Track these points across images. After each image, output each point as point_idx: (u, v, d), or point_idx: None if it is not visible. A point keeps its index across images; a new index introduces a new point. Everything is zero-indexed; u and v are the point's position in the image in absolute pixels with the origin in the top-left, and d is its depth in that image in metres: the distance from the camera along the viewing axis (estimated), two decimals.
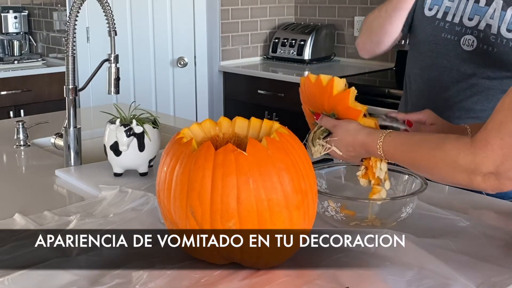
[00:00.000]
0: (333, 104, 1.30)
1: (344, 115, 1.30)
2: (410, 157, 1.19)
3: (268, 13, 4.38)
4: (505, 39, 1.57)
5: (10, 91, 3.78)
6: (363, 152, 1.27)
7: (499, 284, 1.06)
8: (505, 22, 1.57)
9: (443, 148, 1.11)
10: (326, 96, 1.30)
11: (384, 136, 1.22)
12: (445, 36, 1.67)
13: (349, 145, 1.27)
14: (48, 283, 1.06)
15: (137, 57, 4.07)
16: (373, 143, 1.23)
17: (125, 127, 1.58)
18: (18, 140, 1.99)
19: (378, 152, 1.22)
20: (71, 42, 1.71)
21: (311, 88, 1.34)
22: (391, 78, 3.68)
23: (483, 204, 1.44)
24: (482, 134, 1.07)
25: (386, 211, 1.31)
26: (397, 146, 1.21)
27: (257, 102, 3.90)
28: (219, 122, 1.20)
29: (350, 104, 1.29)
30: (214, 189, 1.02)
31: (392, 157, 1.23)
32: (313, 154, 1.33)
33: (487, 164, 1.05)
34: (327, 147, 1.30)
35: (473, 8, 1.62)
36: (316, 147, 1.32)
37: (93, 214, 1.37)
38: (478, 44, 1.61)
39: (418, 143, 1.18)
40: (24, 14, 4.30)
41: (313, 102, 1.36)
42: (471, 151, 1.06)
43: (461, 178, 1.09)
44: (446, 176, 1.13)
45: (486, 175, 1.05)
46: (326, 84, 1.29)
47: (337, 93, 1.29)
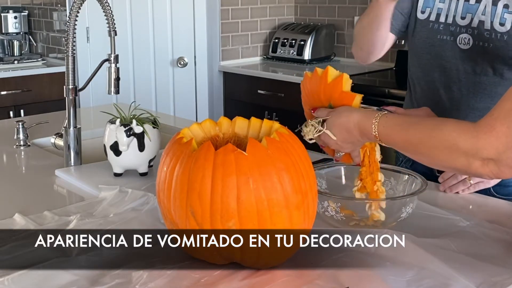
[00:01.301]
0: (329, 92, 1.30)
1: (340, 100, 1.29)
2: (406, 138, 1.15)
3: (268, 13, 4.38)
4: (499, 33, 1.58)
5: (10, 91, 3.78)
6: (357, 133, 1.23)
7: (499, 284, 1.06)
8: (497, 17, 1.58)
9: (443, 129, 1.08)
10: (322, 86, 1.30)
11: (381, 116, 1.18)
12: (441, 37, 1.68)
13: (342, 126, 1.23)
14: (48, 283, 1.06)
15: (137, 57, 4.07)
16: (368, 122, 1.19)
17: (125, 127, 1.58)
18: (18, 140, 1.99)
19: (372, 132, 1.18)
20: (71, 42, 1.71)
21: (309, 83, 1.35)
22: (391, 78, 3.68)
23: (483, 204, 1.44)
24: (487, 119, 1.04)
25: (386, 211, 1.30)
26: (393, 126, 1.16)
27: (257, 102, 3.91)
28: (219, 122, 1.20)
29: (344, 89, 1.28)
30: (214, 189, 1.02)
31: (387, 139, 1.18)
32: (305, 134, 1.30)
33: (489, 149, 1.02)
34: (319, 129, 1.28)
35: (464, 7, 1.63)
36: (308, 128, 1.30)
37: (93, 214, 1.37)
38: (474, 42, 1.62)
39: (416, 124, 1.14)
40: (24, 14, 4.30)
41: (311, 97, 1.35)
42: (474, 134, 1.04)
43: (460, 162, 1.06)
44: (443, 159, 1.09)
45: (485, 160, 1.03)
46: (321, 74, 1.30)
47: (331, 80, 1.29)
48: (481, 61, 1.62)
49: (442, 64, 1.69)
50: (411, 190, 1.35)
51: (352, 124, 1.22)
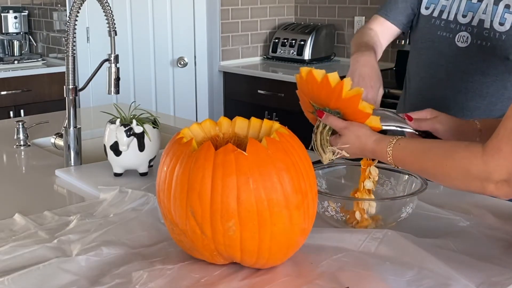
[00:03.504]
0: (341, 106, 1.27)
1: (352, 116, 1.27)
2: (421, 166, 1.18)
3: (268, 13, 4.38)
4: (497, 32, 1.60)
5: (10, 91, 3.78)
6: (371, 156, 1.28)
7: (499, 284, 1.06)
8: (498, 16, 1.59)
9: (454, 157, 1.10)
10: (334, 97, 1.26)
11: (394, 144, 1.21)
12: (440, 34, 1.69)
13: (357, 150, 1.27)
14: (48, 283, 1.06)
15: (137, 57, 4.07)
16: (383, 152, 1.22)
17: (125, 127, 1.58)
18: (18, 140, 1.99)
19: (388, 159, 1.22)
20: (71, 42, 1.71)
21: (315, 86, 1.28)
22: (391, 78, 3.68)
23: (483, 204, 1.44)
24: (493, 141, 1.06)
25: (386, 211, 1.31)
26: (406, 156, 1.20)
27: (257, 102, 3.91)
28: (219, 122, 1.20)
29: (360, 108, 1.26)
30: (214, 189, 1.02)
31: (402, 165, 1.22)
32: (324, 160, 1.30)
33: (500, 172, 1.04)
34: (337, 153, 1.28)
35: (466, 5, 1.65)
36: (327, 154, 1.29)
37: (93, 214, 1.37)
38: (472, 40, 1.64)
39: (428, 152, 1.17)
40: (24, 14, 4.30)
41: (316, 98, 1.31)
42: (483, 159, 1.05)
43: (474, 186, 1.09)
44: (459, 184, 1.12)
45: (499, 183, 1.05)
46: (334, 86, 1.24)
47: (346, 95, 1.25)
48: (477, 60, 1.63)
49: (439, 61, 1.71)
50: (411, 190, 1.35)
51: (367, 151, 1.25)
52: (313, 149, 1.32)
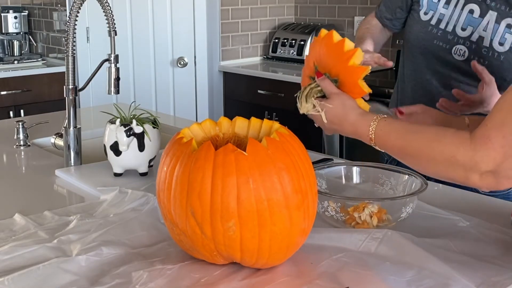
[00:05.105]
0: (343, 73, 1.25)
1: (348, 88, 1.25)
2: (404, 146, 1.12)
3: (268, 13, 4.38)
4: (496, 52, 1.57)
5: (10, 91, 3.78)
6: (349, 131, 1.21)
7: (499, 284, 1.06)
8: (498, 35, 1.56)
9: (442, 141, 1.06)
10: (340, 61, 1.24)
11: (379, 119, 1.16)
12: (436, 43, 1.67)
13: (337, 117, 1.22)
14: (48, 283, 1.06)
15: (137, 57, 4.07)
16: (365, 125, 1.17)
17: (125, 127, 1.58)
18: (18, 140, 1.99)
19: (369, 135, 1.16)
20: (71, 42, 1.71)
21: (329, 46, 1.26)
22: (391, 78, 3.68)
23: (483, 204, 1.44)
24: (482, 130, 1.02)
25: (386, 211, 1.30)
26: (391, 132, 1.14)
27: (257, 102, 3.91)
28: (219, 122, 1.20)
29: (359, 82, 1.24)
30: (214, 189, 1.02)
31: (383, 143, 1.16)
32: (301, 109, 1.28)
33: (487, 162, 1.01)
34: (317, 110, 1.25)
35: (467, 18, 1.62)
36: (308, 104, 1.26)
37: (93, 214, 1.37)
38: (470, 55, 1.61)
39: (415, 133, 1.12)
40: (24, 14, 4.30)
41: (323, 59, 1.29)
42: (471, 147, 1.02)
43: (457, 174, 1.05)
44: (441, 170, 1.08)
45: (484, 174, 1.02)
46: (346, 51, 1.23)
47: (352, 63, 1.23)
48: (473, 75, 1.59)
49: (435, 68, 1.70)
50: (411, 190, 1.35)
51: (347, 122, 1.21)
52: (296, 99, 1.29)
